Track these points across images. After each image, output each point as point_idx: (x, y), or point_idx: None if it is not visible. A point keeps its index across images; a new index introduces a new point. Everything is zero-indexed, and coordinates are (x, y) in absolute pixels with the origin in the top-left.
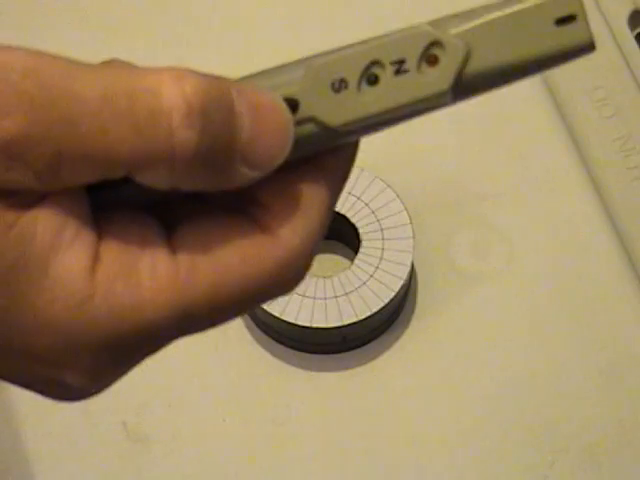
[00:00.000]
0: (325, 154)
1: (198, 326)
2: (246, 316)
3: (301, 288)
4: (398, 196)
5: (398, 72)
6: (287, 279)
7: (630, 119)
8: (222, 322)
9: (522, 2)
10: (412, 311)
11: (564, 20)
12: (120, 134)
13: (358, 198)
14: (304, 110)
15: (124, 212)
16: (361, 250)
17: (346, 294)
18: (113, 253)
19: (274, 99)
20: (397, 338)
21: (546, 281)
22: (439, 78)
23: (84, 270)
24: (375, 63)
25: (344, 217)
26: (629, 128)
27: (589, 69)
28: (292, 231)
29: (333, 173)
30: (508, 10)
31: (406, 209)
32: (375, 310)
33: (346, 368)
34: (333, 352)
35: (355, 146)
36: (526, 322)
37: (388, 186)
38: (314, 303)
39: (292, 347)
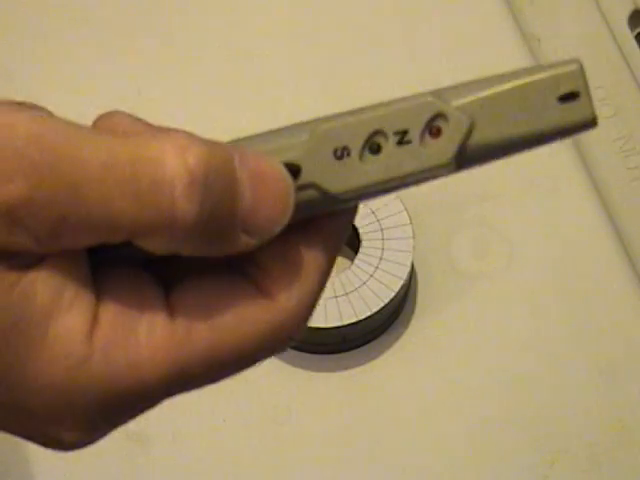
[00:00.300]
0: (324, 218)
1: (195, 384)
2: None
3: None
4: (398, 196)
5: (401, 142)
6: (281, 340)
7: (630, 119)
8: (219, 380)
9: (525, 77)
10: (412, 311)
11: (567, 97)
12: (123, 202)
13: None
14: (306, 176)
15: (122, 270)
16: (361, 250)
17: (346, 294)
18: (111, 315)
19: (276, 167)
20: (397, 338)
21: (546, 281)
22: (441, 150)
23: (82, 333)
24: (378, 132)
25: None
26: (629, 128)
27: (589, 69)
28: (290, 296)
29: (331, 237)
30: (511, 84)
31: (406, 209)
32: (375, 310)
33: (346, 368)
34: (333, 352)
35: (354, 211)
36: (526, 322)
37: None
38: None
39: (292, 347)
